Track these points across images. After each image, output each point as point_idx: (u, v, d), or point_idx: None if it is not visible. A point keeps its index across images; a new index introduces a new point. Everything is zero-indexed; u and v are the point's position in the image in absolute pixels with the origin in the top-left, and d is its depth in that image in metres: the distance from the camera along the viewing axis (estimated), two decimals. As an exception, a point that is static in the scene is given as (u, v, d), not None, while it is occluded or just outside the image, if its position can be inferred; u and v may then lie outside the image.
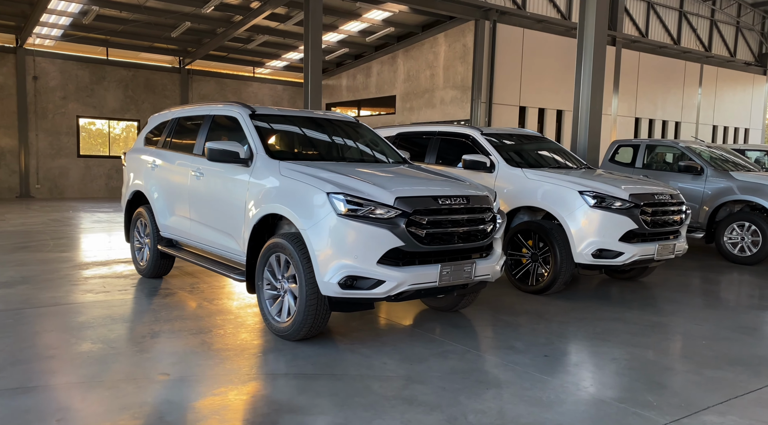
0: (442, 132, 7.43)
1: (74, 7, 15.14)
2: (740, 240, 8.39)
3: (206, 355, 4.04)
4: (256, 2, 15.28)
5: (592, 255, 5.73)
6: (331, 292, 3.99)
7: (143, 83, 20.02)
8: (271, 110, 5.42)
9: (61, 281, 6.25)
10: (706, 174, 8.85)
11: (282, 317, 4.39)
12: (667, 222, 6.07)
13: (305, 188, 4.24)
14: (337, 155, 5.54)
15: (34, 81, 18.20)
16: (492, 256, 4.61)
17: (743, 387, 3.63)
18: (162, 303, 5.44)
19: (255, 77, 22.37)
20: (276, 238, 4.38)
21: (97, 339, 4.34)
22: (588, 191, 5.80)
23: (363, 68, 20.58)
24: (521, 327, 4.89)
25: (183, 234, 5.76)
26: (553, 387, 3.56)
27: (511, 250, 6.31)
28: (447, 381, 3.64)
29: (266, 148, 4.87)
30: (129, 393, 3.34)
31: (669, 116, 21.82)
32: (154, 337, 4.43)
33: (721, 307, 5.86)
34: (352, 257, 3.96)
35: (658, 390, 3.55)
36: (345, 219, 3.98)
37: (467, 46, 16.78)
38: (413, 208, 4.07)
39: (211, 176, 5.28)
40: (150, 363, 3.87)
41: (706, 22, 22.86)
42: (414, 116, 18.47)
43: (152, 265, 6.34)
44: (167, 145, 6.24)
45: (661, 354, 4.28)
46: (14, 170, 18.17)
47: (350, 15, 16.82)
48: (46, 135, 18.58)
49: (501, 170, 6.53)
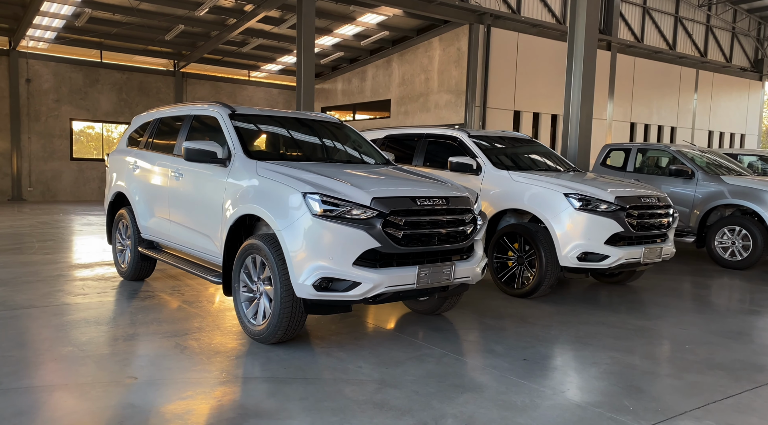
0: (429, 134, 7.37)
1: (67, 9, 15.09)
2: (731, 244, 8.32)
3: (178, 358, 3.95)
4: (250, 5, 15.25)
5: (578, 258, 5.65)
6: (306, 294, 3.92)
7: (137, 86, 19.97)
8: (251, 110, 5.36)
9: (40, 284, 6.16)
10: (697, 178, 8.79)
11: (258, 320, 4.31)
12: (653, 225, 6.00)
13: (281, 189, 4.17)
14: (318, 155, 5.47)
15: (27, 83, 18.14)
16: (473, 258, 4.54)
17: (722, 392, 3.55)
18: (140, 306, 5.35)
19: (250, 81, 22.33)
20: (252, 239, 4.31)
21: (68, 341, 4.26)
22: (573, 193, 5.74)
23: (358, 72, 20.55)
24: (503, 331, 4.81)
25: (163, 236, 5.68)
26: (528, 392, 3.48)
27: (497, 253, 6.23)
28: (421, 385, 3.56)
29: (245, 148, 4.80)
30: (93, 397, 3.25)
31: (665, 121, 21.80)
32: (127, 340, 4.35)
33: (709, 311, 5.78)
34: (328, 259, 3.88)
35: (636, 395, 3.47)
36: (320, 220, 3.91)
37: (462, 50, 16.75)
38: (390, 209, 4.00)
39: (190, 176, 5.21)
40: (119, 366, 3.78)
41: (701, 28, 22.89)
42: (409, 120, 18.42)
43: (133, 267, 6.26)
44: (149, 145, 6.17)
45: (642, 359, 4.20)
46: (6, 173, 18.08)
47: (345, 18, 16.79)
48: (39, 138, 18.51)
49: (488, 172, 6.47)
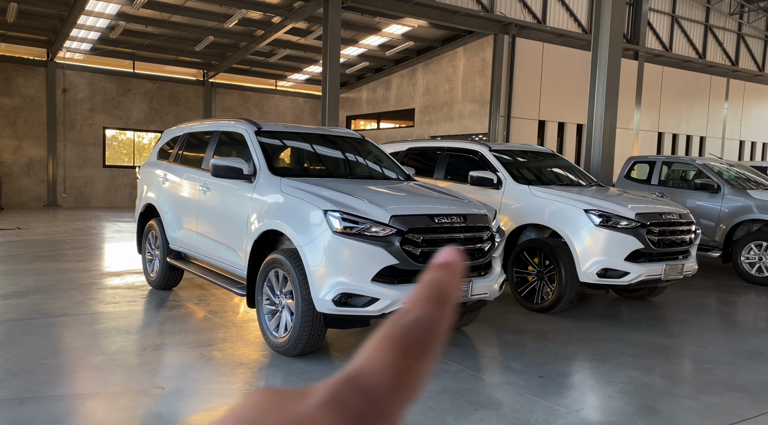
0: (451, 148, 7.45)
1: (102, 22, 15.60)
2: (758, 260, 8.20)
3: (203, 369, 4.10)
4: (278, 17, 15.54)
5: (598, 274, 5.67)
6: (326, 309, 4.04)
7: (168, 95, 20.46)
8: (277, 127, 5.52)
9: (73, 292, 6.40)
10: (723, 192, 8.69)
11: (279, 332, 4.44)
12: (675, 242, 5.98)
13: (303, 205, 4.31)
14: (341, 171, 5.60)
15: (63, 93, 18.74)
16: (490, 275, 4.61)
17: (739, 414, 3.56)
18: (168, 315, 5.54)
19: (277, 90, 22.68)
20: (275, 254, 4.45)
21: (99, 350, 4.45)
22: (593, 209, 5.76)
23: (383, 81, 20.73)
24: (521, 347, 4.86)
25: (190, 247, 5.87)
26: (543, 410, 3.53)
27: (517, 267, 6.28)
28: (437, 400, 3.64)
29: (269, 164, 4.95)
30: (122, 407, 3.41)
31: (693, 131, 21.47)
32: (155, 350, 4.52)
33: (732, 330, 5.73)
34: (347, 275, 4.00)
35: (650, 415, 3.50)
36: (340, 237, 4.03)
37: (486, 60, 16.79)
38: (408, 226, 4.10)
39: (217, 190, 5.39)
40: (147, 375, 3.95)
41: (733, 36, 22.51)
42: (433, 129, 18.51)
43: (162, 277, 6.46)
44: (178, 159, 6.39)
45: (660, 378, 4.21)
46: (42, 180, 18.68)
47: (370, 29, 16.99)
48: (74, 146, 19.08)
49: (508, 186, 6.52)
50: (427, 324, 0.31)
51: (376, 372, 0.29)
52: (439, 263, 0.34)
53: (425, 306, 0.32)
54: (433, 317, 0.31)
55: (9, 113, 18.06)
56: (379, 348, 0.30)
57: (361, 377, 0.29)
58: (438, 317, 0.31)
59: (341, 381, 0.29)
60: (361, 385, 0.29)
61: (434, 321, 0.31)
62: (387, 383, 0.29)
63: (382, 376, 0.29)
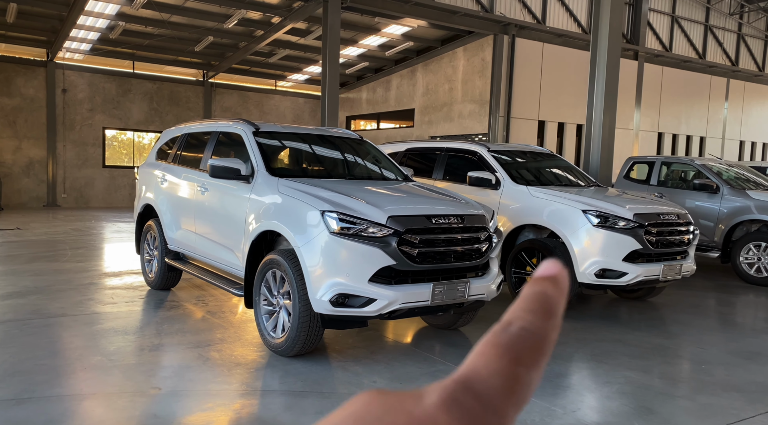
0: (449, 148, 7.45)
1: (102, 22, 15.61)
2: (757, 261, 8.20)
3: (200, 369, 4.11)
4: (277, 17, 15.55)
5: (596, 275, 5.67)
6: (323, 309, 4.04)
7: (167, 96, 20.47)
8: (274, 127, 5.52)
9: (72, 292, 6.41)
10: (722, 192, 8.69)
11: (277, 333, 4.45)
12: (673, 243, 5.98)
13: (301, 206, 4.31)
14: (339, 171, 5.60)
15: (63, 94, 18.75)
16: (488, 275, 4.61)
17: (735, 415, 3.56)
18: (166, 316, 5.54)
19: (277, 90, 22.69)
20: (272, 254, 4.45)
21: (97, 351, 4.45)
22: (591, 210, 5.76)
23: (383, 82, 20.73)
24: (518, 347, 4.85)
25: (188, 248, 5.87)
26: (539, 410, 3.54)
27: (516, 268, 6.28)
28: (433, 401, 3.63)
29: (267, 165, 4.96)
30: (119, 407, 3.42)
31: (693, 131, 21.47)
32: (153, 350, 4.52)
33: (730, 330, 5.73)
34: (344, 275, 4.00)
35: (646, 416, 3.50)
36: (337, 237, 4.03)
37: (486, 60, 16.79)
38: (405, 227, 4.10)
39: (215, 191, 5.39)
40: (145, 376, 3.95)
41: (733, 36, 22.51)
42: (432, 130, 18.51)
43: (160, 277, 6.47)
44: (176, 159, 6.39)
45: (657, 378, 4.21)
46: (42, 180, 18.69)
47: (370, 30, 16.99)
48: (74, 146, 19.09)
49: (506, 187, 6.52)
50: (535, 335, 0.32)
51: (491, 378, 0.30)
52: (544, 276, 0.34)
53: (531, 318, 0.32)
54: (541, 328, 0.32)
55: (9, 113, 18.07)
56: (488, 355, 0.31)
57: (475, 381, 0.30)
58: (546, 329, 0.32)
59: (456, 384, 0.30)
60: (477, 389, 0.30)
61: (542, 333, 0.32)
62: (501, 389, 0.30)
63: (495, 382, 0.30)
